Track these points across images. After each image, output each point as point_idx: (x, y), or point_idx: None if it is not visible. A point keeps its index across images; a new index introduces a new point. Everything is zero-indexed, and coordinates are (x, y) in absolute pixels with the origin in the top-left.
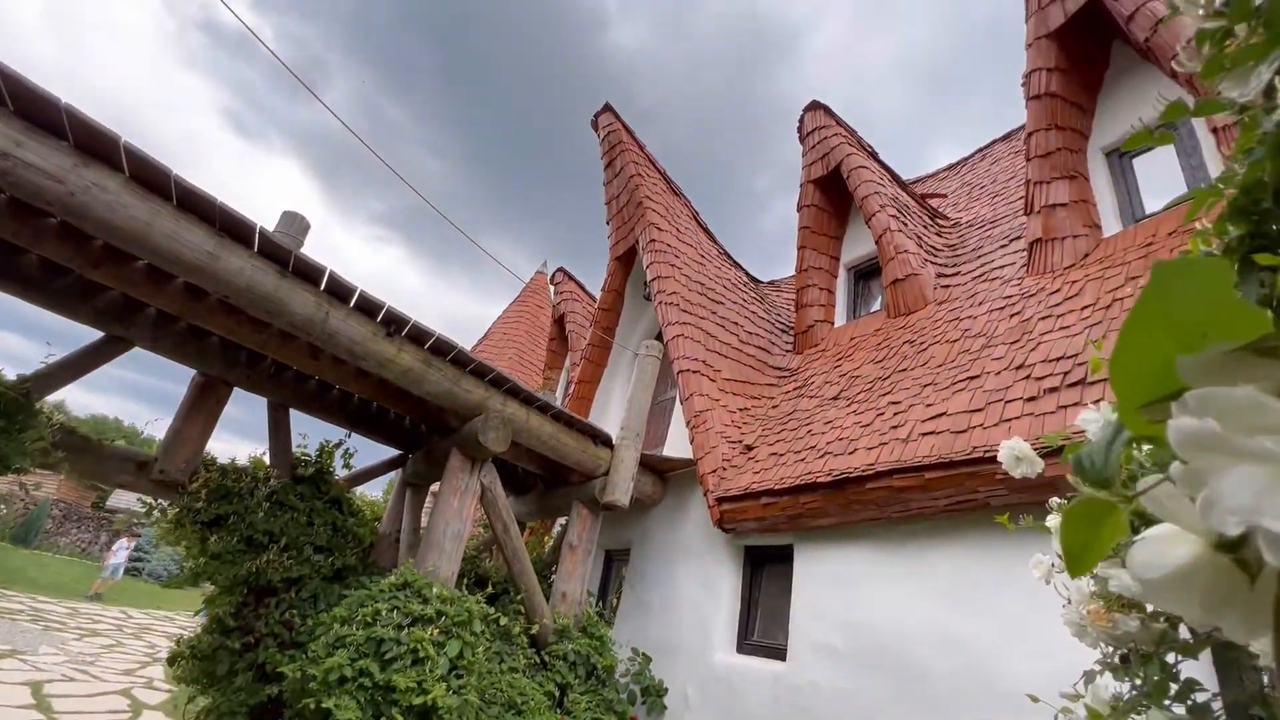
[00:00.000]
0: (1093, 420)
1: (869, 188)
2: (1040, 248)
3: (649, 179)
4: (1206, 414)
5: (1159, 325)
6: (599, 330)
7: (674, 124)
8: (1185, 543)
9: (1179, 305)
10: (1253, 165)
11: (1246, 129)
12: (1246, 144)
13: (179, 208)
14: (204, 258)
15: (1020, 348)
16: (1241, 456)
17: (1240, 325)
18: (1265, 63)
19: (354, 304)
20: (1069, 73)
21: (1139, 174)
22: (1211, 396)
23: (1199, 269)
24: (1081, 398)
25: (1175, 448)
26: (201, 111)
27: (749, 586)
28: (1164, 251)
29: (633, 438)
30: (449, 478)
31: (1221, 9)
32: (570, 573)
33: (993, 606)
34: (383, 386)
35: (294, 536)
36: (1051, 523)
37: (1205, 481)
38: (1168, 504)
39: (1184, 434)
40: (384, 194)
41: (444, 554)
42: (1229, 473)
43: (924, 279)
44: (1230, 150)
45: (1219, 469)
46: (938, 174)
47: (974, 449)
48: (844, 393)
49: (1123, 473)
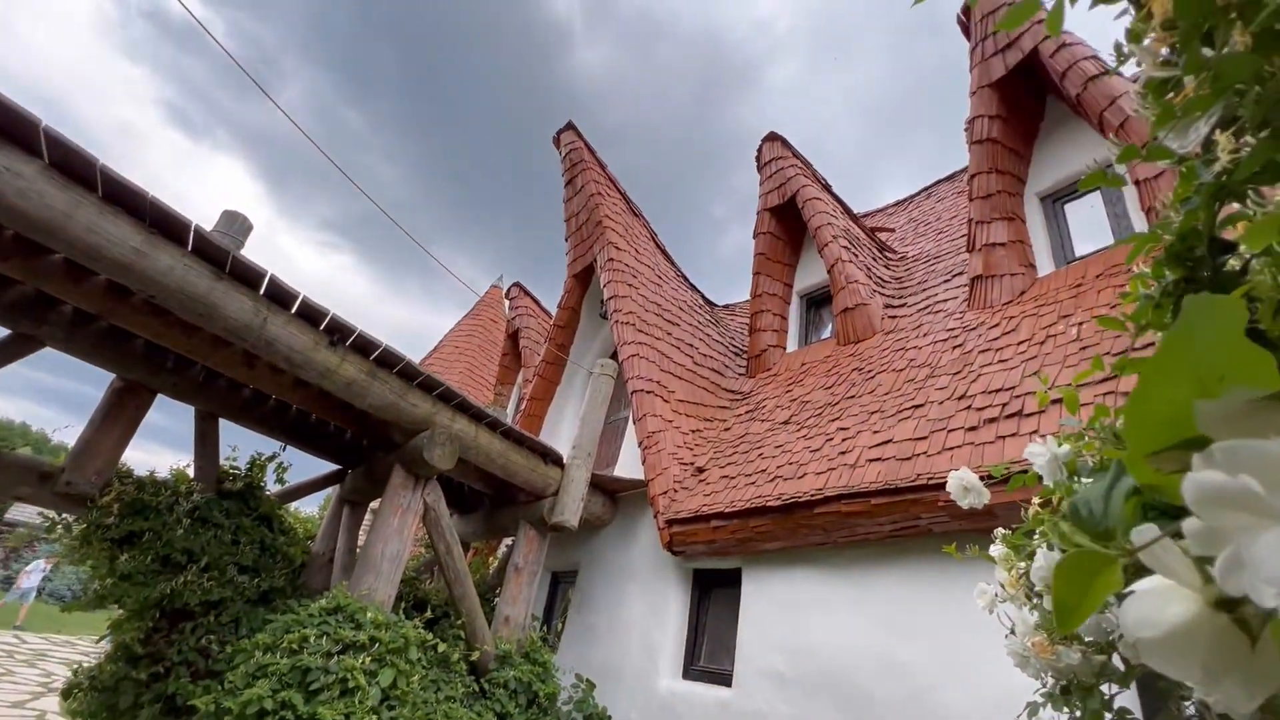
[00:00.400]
0: (1040, 453)
1: (822, 219)
2: (981, 284)
3: (609, 198)
4: (1238, 469)
5: (1183, 367)
6: (554, 347)
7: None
8: (1181, 599)
9: (1200, 346)
10: (1188, 214)
11: (1185, 179)
12: (1184, 193)
13: (105, 200)
14: (130, 254)
15: (962, 379)
16: (1276, 520)
17: (1255, 371)
18: (1205, 117)
19: (296, 310)
20: (1008, 121)
21: (1070, 219)
22: (1243, 450)
23: (1220, 308)
24: (1018, 428)
25: (1192, 503)
26: (141, 103)
27: (696, 611)
28: (1093, 293)
29: (584, 457)
30: (390, 495)
31: (1173, 60)
32: (515, 596)
33: (935, 632)
34: (323, 398)
35: (216, 556)
36: (995, 552)
37: (1229, 542)
38: (1164, 558)
39: (1207, 489)
40: (335, 199)
41: (381, 576)
42: (1264, 536)
43: (873, 309)
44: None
45: (1249, 530)
46: (886, 209)
47: (918, 476)
48: (795, 417)
49: (1062, 505)
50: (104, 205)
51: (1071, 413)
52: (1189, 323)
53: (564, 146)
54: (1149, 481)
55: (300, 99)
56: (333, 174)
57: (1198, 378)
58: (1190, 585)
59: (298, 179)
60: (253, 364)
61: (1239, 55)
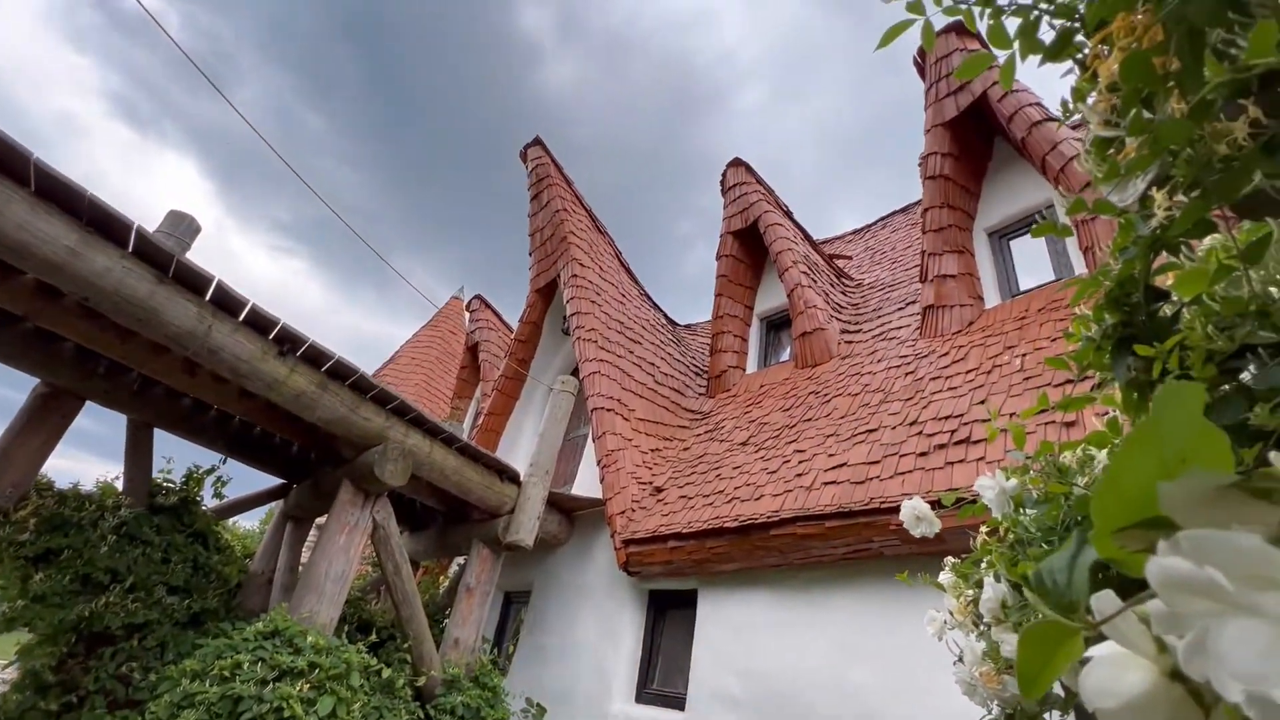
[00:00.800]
0: (989, 486)
1: (783, 244)
2: (932, 313)
3: (575, 215)
4: (1205, 560)
5: (1150, 449)
6: (514, 362)
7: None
8: (1137, 668)
9: (1165, 430)
10: (1126, 263)
11: (1124, 230)
12: (1122, 243)
13: (37, 195)
14: (62, 253)
15: (914, 404)
16: (1242, 611)
17: (1213, 453)
18: (1142, 175)
19: (243, 318)
20: (960, 159)
21: (1015, 254)
22: (1210, 541)
23: (1184, 393)
24: (966, 455)
25: (1156, 586)
26: (85, 93)
27: (651, 632)
28: (1036, 325)
29: (541, 475)
30: (337, 512)
31: (1116, 121)
32: (465, 617)
33: (886, 655)
34: (269, 410)
35: (144, 575)
36: (944, 580)
37: (1191, 627)
38: (1123, 628)
39: (1173, 575)
40: (290, 201)
41: (324, 597)
42: (1228, 627)
43: (830, 334)
44: (1090, 241)
45: (1214, 619)
46: (845, 236)
47: (871, 500)
48: (753, 438)
49: (1009, 536)
50: (37, 201)
51: (1018, 447)
52: (1158, 409)
53: (530, 161)
54: (1112, 556)
55: (257, 97)
56: (289, 175)
57: (1162, 459)
58: (1147, 655)
59: (251, 179)
60: (194, 372)
61: (1176, 121)
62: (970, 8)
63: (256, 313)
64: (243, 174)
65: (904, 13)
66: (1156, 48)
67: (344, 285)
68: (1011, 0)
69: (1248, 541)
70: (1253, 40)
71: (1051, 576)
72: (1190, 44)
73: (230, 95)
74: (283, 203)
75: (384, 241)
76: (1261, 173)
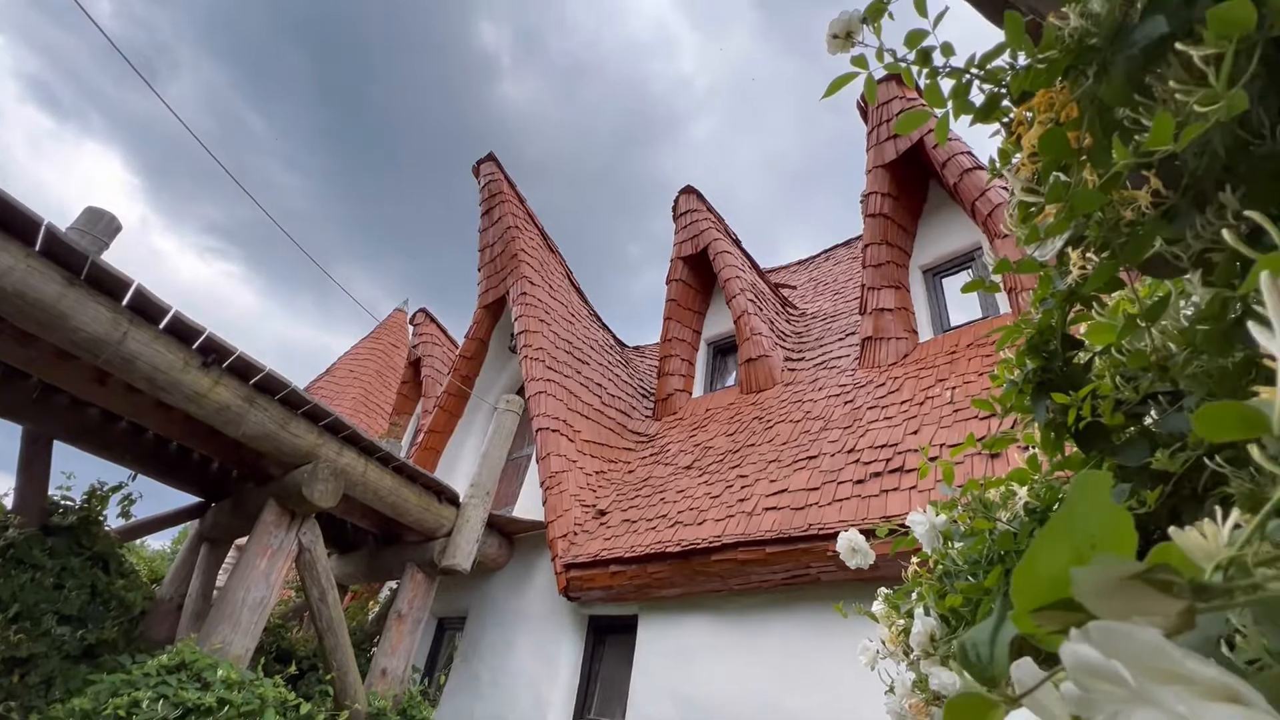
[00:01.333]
0: (920, 522)
1: (731, 271)
2: (871, 345)
3: (526, 232)
4: (1111, 651)
5: (1065, 535)
6: (458, 379)
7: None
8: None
9: (1078, 515)
10: (1045, 313)
11: (1043, 283)
12: (1042, 294)
13: None
14: None
15: (852, 433)
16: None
17: (1119, 538)
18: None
19: (165, 326)
20: (898, 199)
21: (947, 292)
22: (1115, 634)
23: (1095, 480)
24: (900, 483)
25: (1069, 670)
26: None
27: (590, 659)
28: (965, 360)
29: (482, 496)
30: (259, 534)
31: (1038, 187)
32: (395, 645)
33: (822, 680)
34: (189, 424)
35: (31, 603)
36: (877, 609)
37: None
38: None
39: (1082, 662)
40: (224, 202)
41: (239, 626)
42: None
43: (774, 361)
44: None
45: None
46: (790, 266)
47: (810, 526)
48: (697, 462)
49: (937, 568)
50: None
51: (948, 483)
52: (1072, 496)
53: (483, 176)
54: (1029, 632)
55: (193, 93)
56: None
57: (1075, 545)
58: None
59: (183, 176)
60: (105, 381)
61: (1089, 192)
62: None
63: (180, 320)
64: (175, 170)
65: (848, 61)
66: (1072, 123)
67: (280, 291)
68: (945, 63)
69: (1148, 636)
70: (1154, 129)
71: (975, 650)
72: (1101, 121)
73: (164, 89)
74: (217, 202)
75: (326, 249)
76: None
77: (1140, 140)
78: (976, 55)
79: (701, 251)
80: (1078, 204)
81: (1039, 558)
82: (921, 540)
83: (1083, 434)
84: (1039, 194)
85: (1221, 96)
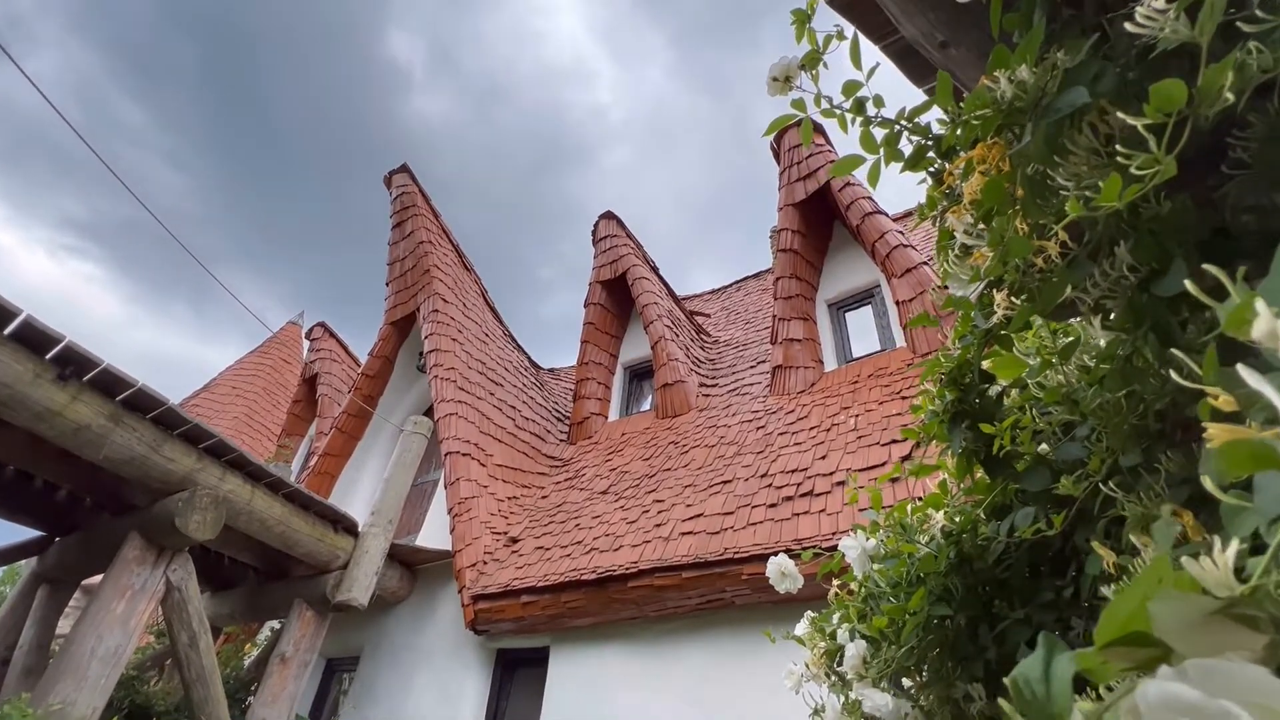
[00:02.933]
0: (852, 547)
1: (649, 297)
2: (781, 373)
3: (440, 248)
4: (1216, 691)
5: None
6: (359, 398)
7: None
8: None
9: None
10: (964, 348)
11: (964, 320)
12: (962, 331)
13: None
14: None
15: (764, 458)
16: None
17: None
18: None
19: (11, 331)
20: (807, 236)
21: (850, 325)
22: (1219, 672)
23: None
24: (810, 507)
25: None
26: None
27: (497, 696)
28: (866, 389)
29: (384, 524)
30: (117, 572)
31: (980, 233)
32: (276, 693)
33: (739, 705)
34: (35, 445)
35: None
36: (800, 631)
37: None
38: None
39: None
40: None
41: (85, 681)
42: None
43: (689, 386)
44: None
45: None
46: (704, 295)
47: (725, 550)
48: (613, 487)
49: (861, 590)
50: None
51: (875, 509)
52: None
53: (395, 188)
54: (1090, 667)
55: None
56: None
57: (1144, 587)
58: None
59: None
60: None
61: (1020, 239)
62: (845, 113)
63: (33, 326)
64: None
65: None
66: (1006, 175)
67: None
68: (878, 113)
69: (1254, 673)
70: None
71: (1029, 687)
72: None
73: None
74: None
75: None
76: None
77: (1064, 196)
78: (906, 109)
79: (620, 276)
80: (1012, 249)
81: (1124, 597)
82: (853, 564)
83: (989, 461)
84: (981, 238)
85: (1161, 161)
